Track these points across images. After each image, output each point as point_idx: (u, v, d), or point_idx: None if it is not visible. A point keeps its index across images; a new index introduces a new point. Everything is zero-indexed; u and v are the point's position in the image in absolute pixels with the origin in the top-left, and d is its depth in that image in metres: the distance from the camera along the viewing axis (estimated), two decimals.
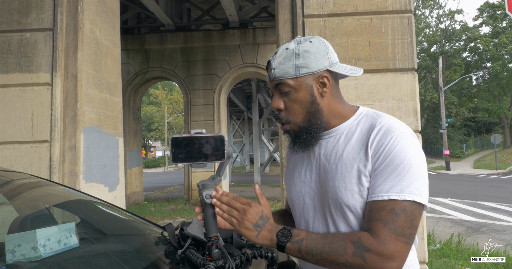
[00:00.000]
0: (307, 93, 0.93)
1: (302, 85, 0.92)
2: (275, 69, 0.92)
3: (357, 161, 0.88)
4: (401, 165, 0.83)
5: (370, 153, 0.87)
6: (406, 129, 0.89)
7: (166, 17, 9.82)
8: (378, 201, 0.82)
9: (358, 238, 0.79)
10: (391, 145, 0.85)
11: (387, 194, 0.81)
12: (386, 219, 0.79)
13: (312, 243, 0.82)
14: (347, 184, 0.88)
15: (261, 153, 29.65)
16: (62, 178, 2.76)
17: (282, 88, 0.92)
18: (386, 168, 0.84)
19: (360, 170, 0.87)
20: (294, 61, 0.91)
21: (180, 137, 0.90)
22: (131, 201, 10.28)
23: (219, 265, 1.01)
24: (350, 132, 0.94)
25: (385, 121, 0.91)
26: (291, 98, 0.92)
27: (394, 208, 0.79)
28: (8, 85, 2.83)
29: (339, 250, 0.79)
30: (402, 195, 0.80)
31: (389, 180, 0.82)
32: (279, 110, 0.94)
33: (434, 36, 34.24)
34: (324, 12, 2.73)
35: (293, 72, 0.91)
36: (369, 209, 0.83)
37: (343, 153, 0.92)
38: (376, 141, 0.87)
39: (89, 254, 1.22)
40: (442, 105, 22.99)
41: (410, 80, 2.68)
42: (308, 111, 0.93)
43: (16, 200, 1.40)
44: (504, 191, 12.12)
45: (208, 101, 10.30)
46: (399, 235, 0.78)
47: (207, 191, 0.97)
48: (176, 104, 36.10)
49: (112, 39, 3.43)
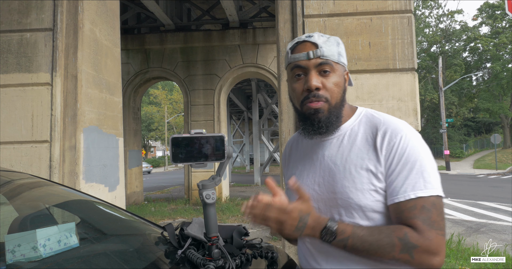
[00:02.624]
0: (342, 80, 0.95)
1: (339, 72, 0.94)
2: (322, 48, 0.91)
3: (366, 161, 0.89)
4: (417, 162, 0.85)
5: (383, 154, 0.88)
6: (410, 126, 0.91)
7: (166, 17, 9.82)
8: (406, 201, 0.83)
9: (404, 234, 0.80)
10: (403, 145, 0.87)
11: (413, 192, 0.83)
12: (422, 217, 0.81)
13: (358, 242, 0.82)
14: (357, 184, 0.88)
15: (261, 153, 29.65)
16: (62, 178, 2.76)
17: (325, 67, 0.92)
18: (404, 167, 0.85)
19: (370, 170, 0.88)
20: (337, 47, 0.94)
21: (180, 137, 0.90)
22: (131, 201, 10.28)
23: (219, 265, 1.01)
24: (353, 133, 0.95)
25: (388, 121, 0.93)
26: (331, 79, 0.92)
27: (424, 205, 0.82)
28: (8, 85, 2.83)
29: (387, 248, 0.80)
30: (426, 191, 0.83)
31: (410, 179, 0.84)
32: (317, 88, 0.92)
33: (434, 36, 34.23)
34: (324, 12, 2.72)
35: (336, 56, 0.93)
36: (399, 210, 0.84)
37: (350, 154, 0.92)
38: (386, 142, 0.89)
39: (89, 254, 1.22)
40: (442, 105, 23.00)
41: (410, 80, 2.68)
42: (341, 98, 0.94)
43: (16, 200, 1.40)
44: (504, 191, 12.11)
45: (208, 101, 10.30)
46: (437, 229, 0.81)
47: (207, 191, 0.97)
48: (176, 104, 36.10)
49: (112, 39, 3.43)
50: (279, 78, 2.87)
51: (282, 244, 2.80)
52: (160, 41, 10.44)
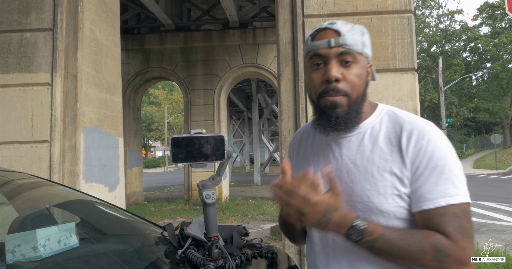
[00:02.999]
0: (365, 73, 0.87)
1: (362, 63, 0.87)
2: (345, 36, 0.84)
3: (390, 163, 0.83)
4: (447, 166, 0.80)
5: (409, 156, 0.82)
6: (436, 127, 0.85)
7: (166, 17, 9.82)
8: (437, 208, 0.78)
9: (436, 241, 0.75)
10: (431, 147, 0.81)
11: (444, 199, 0.78)
12: (453, 224, 0.76)
13: (386, 245, 0.77)
14: (379, 188, 0.83)
15: (261, 153, 29.65)
16: (62, 178, 2.76)
17: (347, 57, 0.84)
18: (432, 172, 0.80)
19: (394, 174, 0.82)
20: (361, 36, 0.86)
21: (180, 137, 0.90)
22: (131, 201, 10.28)
23: (219, 265, 1.01)
24: (375, 131, 0.88)
25: (413, 120, 0.86)
26: (352, 71, 0.85)
27: (455, 212, 0.77)
28: (8, 85, 2.83)
29: (417, 254, 0.75)
30: (457, 198, 0.78)
31: (440, 185, 0.79)
32: (337, 80, 0.84)
33: (434, 36, 34.23)
34: (324, 12, 2.72)
35: (360, 46, 0.86)
36: (428, 217, 0.79)
37: (371, 154, 0.86)
38: (413, 143, 0.82)
39: (89, 254, 1.22)
40: (442, 105, 23.00)
41: (410, 80, 2.68)
42: (362, 91, 0.87)
43: (16, 200, 1.40)
44: (504, 191, 12.11)
45: (208, 101, 10.30)
46: (468, 238, 0.77)
47: (207, 191, 0.97)
48: (176, 104, 36.09)
49: (112, 39, 3.43)
50: (279, 78, 2.87)
51: (282, 244, 2.80)
52: (160, 41, 10.45)
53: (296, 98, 2.77)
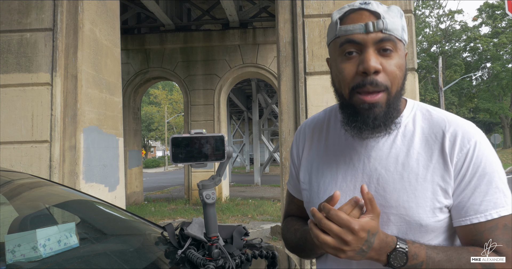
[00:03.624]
0: (404, 62, 0.74)
1: (401, 51, 0.74)
2: (385, 19, 0.70)
3: (431, 171, 0.72)
4: (495, 174, 0.71)
5: (454, 162, 0.72)
6: (478, 129, 0.76)
7: (166, 17, 9.82)
8: (487, 221, 0.69)
9: (489, 262, 0.68)
10: (478, 152, 0.71)
11: (496, 211, 0.69)
12: (505, 238, 0.68)
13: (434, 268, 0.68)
14: (418, 199, 0.71)
15: (261, 153, 29.65)
16: (62, 178, 2.76)
17: (387, 45, 0.71)
18: (481, 181, 0.70)
19: (437, 183, 0.72)
20: (401, 20, 0.73)
21: (180, 137, 0.90)
22: (131, 201, 10.28)
23: (219, 265, 1.01)
24: (408, 132, 0.76)
25: (453, 120, 0.76)
26: (393, 61, 0.71)
27: (506, 224, 0.69)
28: (8, 85, 2.83)
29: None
30: (508, 208, 0.70)
31: (490, 194, 0.70)
32: (375, 72, 0.70)
33: (434, 36, 34.24)
34: (324, 12, 2.72)
35: (400, 32, 0.73)
36: (476, 231, 0.70)
37: (407, 159, 0.74)
38: (458, 148, 0.72)
39: (89, 254, 1.22)
40: (442, 105, 23.00)
41: (410, 80, 2.68)
42: (402, 84, 0.74)
43: (16, 200, 1.40)
44: None
45: (208, 101, 10.30)
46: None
47: (207, 191, 0.97)
48: (176, 104, 36.08)
49: (112, 39, 3.43)
50: (279, 78, 2.87)
51: (282, 244, 2.80)
52: (160, 41, 10.45)
53: (296, 98, 2.77)
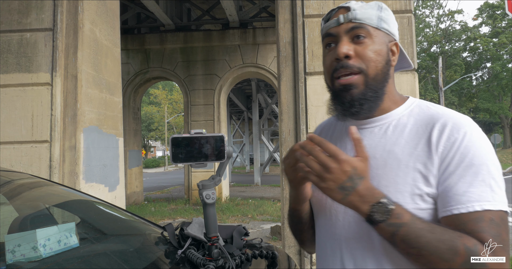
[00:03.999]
0: (384, 49, 0.78)
1: (380, 39, 0.78)
2: (355, 10, 0.77)
3: (414, 158, 0.73)
4: (484, 167, 0.69)
5: (439, 151, 0.71)
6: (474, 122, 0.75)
7: (166, 17, 9.82)
8: (470, 213, 0.67)
9: (474, 245, 0.65)
10: (467, 142, 0.70)
11: (479, 203, 0.67)
12: (491, 232, 0.66)
13: (413, 234, 0.66)
14: (398, 185, 0.73)
15: (261, 153, 29.65)
16: (62, 178, 2.76)
17: (359, 32, 0.77)
18: (467, 171, 0.69)
19: (418, 170, 0.72)
20: (377, 11, 0.79)
21: (180, 137, 0.90)
22: (131, 201, 10.28)
23: (219, 265, 1.01)
24: (401, 123, 0.79)
25: (447, 113, 0.76)
26: (367, 46, 0.76)
27: (492, 218, 0.66)
28: (8, 85, 2.83)
29: (446, 253, 0.64)
30: (495, 204, 0.67)
31: (475, 186, 0.68)
32: (347, 57, 0.76)
33: (434, 36, 34.25)
34: (324, 12, 2.72)
35: (375, 21, 0.78)
36: (460, 222, 0.68)
37: (394, 147, 0.76)
38: (446, 136, 0.72)
39: (89, 254, 1.22)
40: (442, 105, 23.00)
41: (410, 80, 2.68)
42: (382, 69, 0.77)
43: (16, 200, 1.40)
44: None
45: (208, 101, 10.30)
46: (507, 252, 0.66)
47: (207, 191, 0.97)
48: (176, 104, 36.09)
49: (112, 39, 3.43)
50: (279, 78, 2.87)
51: (282, 244, 2.80)
52: (160, 41, 10.45)
53: (296, 98, 2.77)
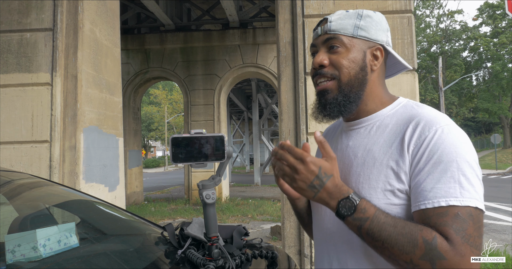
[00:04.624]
0: (360, 56, 0.83)
1: (355, 47, 0.83)
2: (331, 22, 0.83)
3: (388, 156, 0.77)
4: (454, 163, 0.69)
5: (410, 149, 0.74)
6: (451, 121, 0.76)
7: (166, 17, 9.82)
8: (436, 207, 0.68)
9: (433, 238, 0.66)
10: (437, 140, 0.72)
11: (445, 199, 0.68)
12: (455, 226, 0.66)
13: (376, 227, 0.69)
14: (371, 181, 0.77)
15: (261, 153, 29.65)
16: (62, 178, 2.76)
17: (333, 42, 0.83)
18: (435, 168, 0.70)
19: (390, 167, 0.75)
20: (355, 20, 0.83)
21: (180, 137, 0.90)
22: (131, 201, 10.28)
23: (219, 265, 1.01)
24: (384, 124, 0.83)
25: (426, 112, 0.78)
26: (340, 55, 0.83)
27: (458, 213, 0.67)
28: (8, 85, 2.83)
29: (406, 246, 0.67)
30: (462, 200, 0.67)
31: (442, 182, 0.69)
32: (321, 66, 0.84)
33: (434, 36, 34.24)
34: (324, 12, 2.72)
35: (351, 30, 0.83)
36: (425, 216, 0.70)
37: (373, 146, 0.81)
38: (417, 135, 0.74)
39: (89, 254, 1.22)
40: (442, 105, 23.00)
41: (410, 80, 2.68)
42: (355, 75, 0.83)
43: (16, 200, 1.40)
44: (504, 191, 12.11)
45: (208, 101, 10.30)
46: (472, 247, 0.66)
47: (207, 191, 0.97)
48: (176, 104, 36.09)
49: (112, 39, 3.43)
50: (279, 78, 2.87)
51: (282, 244, 2.80)
52: (160, 41, 10.45)
53: (296, 98, 2.77)
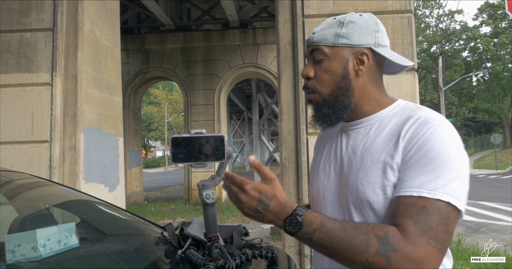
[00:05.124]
0: (340, 65, 0.85)
1: (337, 56, 0.85)
2: (314, 34, 0.87)
3: (385, 153, 0.78)
4: (437, 159, 0.71)
5: (402, 145, 0.76)
6: (448, 122, 0.77)
7: (166, 17, 9.81)
8: (406, 196, 0.70)
9: (385, 233, 0.66)
10: (427, 136, 0.73)
11: (417, 190, 0.69)
12: (417, 217, 0.66)
13: (326, 236, 0.69)
14: (370, 177, 0.78)
15: (261, 153, 29.63)
16: (62, 178, 2.76)
17: (316, 55, 0.86)
18: (418, 161, 0.72)
19: (386, 162, 0.77)
20: (336, 29, 0.85)
21: (180, 137, 0.90)
22: (131, 201, 10.28)
23: (219, 265, 1.01)
24: (383, 124, 0.84)
25: (424, 112, 0.80)
26: (323, 67, 0.86)
27: (426, 206, 0.67)
28: (8, 85, 2.83)
29: (360, 246, 0.66)
30: (435, 193, 0.68)
31: (421, 175, 0.70)
32: (308, 78, 0.87)
33: (434, 36, 34.23)
34: (324, 12, 2.72)
35: (331, 39, 0.85)
36: (396, 205, 0.71)
37: (371, 144, 0.82)
38: (411, 132, 0.76)
39: (89, 254, 1.22)
40: (442, 105, 23.00)
41: (410, 80, 2.68)
42: (337, 85, 0.86)
43: (16, 200, 1.40)
44: (504, 191, 12.11)
45: (208, 101, 10.30)
46: (431, 239, 0.65)
47: (207, 191, 0.97)
48: (176, 104, 36.08)
49: (112, 39, 3.43)
50: (279, 78, 2.86)
51: (282, 244, 2.80)
52: (160, 41, 10.45)
53: (296, 98, 2.77)
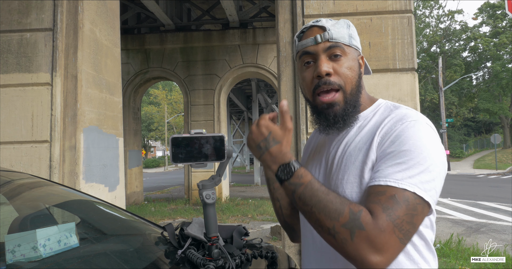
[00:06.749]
0: (356, 64, 0.87)
1: (352, 55, 0.87)
2: (330, 30, 0.85)
3: (363, 151, 0.80)
4: (408, 152, 0.72)
5: (377, 141, 0.78)
6: (424, 118, 0.79)
7: (166, 17, 9.81)
8: (375, 185, 0.72)
9: (358, 210, 0.68)
10: (400, 131, 0.75)
11: (385, 179, 0.71)
12: (386, 205, 0.68)
13: (308, 193, 0.72)
14: (349, 177, 0.80)
15: None
16: (62, 178, 2.76)
17: (336, 51, 0.84)
18: (390, 154, 0.74)
19: (363, 161, 0.79)
20: (347, 29, 0.87)
21: (180, 137, 0.90)
22: (131, 201, 10.28)
23: (219, 265, 1.01)
24: (363, 124, 0.86)
25: (401, 111, 0.82)
26: (344, 64, 0.84)
27: (395, 195, 0.68)
28: (8, 85, 2.83)
29: (333, 213, 0.69)
30: (401, 183, 0.69)
31: (390, 166, 0.72)
32: (328, 74, 0.83)
33: (434, 36, 34.23)
34: (324, 12, 2.72)
35: (347, 39, 0.86)
36: (368, 194, 0.73)
37: (351, 144, 0.84)
38: (386, 128, 0.78)
39: (89, 254, 1.22)
40: (442, 105, 23.00)
41: (410, 80, 2.68)
42: (357, 83, 0.86)
43: (16, 200, 1.40)
44: (504, 191, 12.11)
45: (208, 101, 10.30)
46: (396, 228, 0.66)
47: (207, 191, 0.97)
48: (176, 104, 36.08)
49: (112, 39, 3.43)
50: (279, 78, 2.87)
51: (282, 244, 2.80)
52: (160, 41, 10.45)
53: (296, 98, 2.77)
